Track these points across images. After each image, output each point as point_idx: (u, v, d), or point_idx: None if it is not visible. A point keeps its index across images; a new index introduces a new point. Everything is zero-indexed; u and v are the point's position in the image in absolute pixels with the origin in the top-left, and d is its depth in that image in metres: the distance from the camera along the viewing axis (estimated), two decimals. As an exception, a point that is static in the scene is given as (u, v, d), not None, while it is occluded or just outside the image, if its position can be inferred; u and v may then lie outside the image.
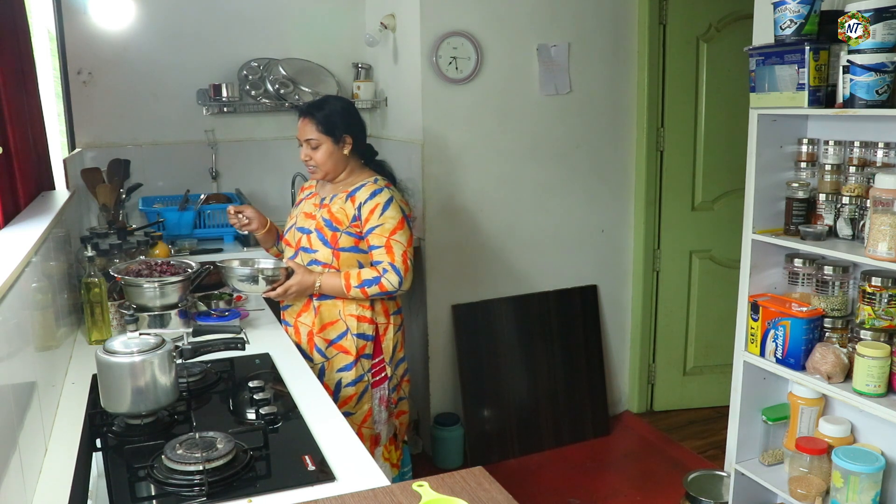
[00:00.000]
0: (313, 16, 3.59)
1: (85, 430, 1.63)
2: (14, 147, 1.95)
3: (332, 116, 2.28)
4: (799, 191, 2.17)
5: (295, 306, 2.34)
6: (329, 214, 2.27)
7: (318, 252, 2.27)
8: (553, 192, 3.45)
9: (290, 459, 1.48)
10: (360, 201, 2.25)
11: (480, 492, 1.32)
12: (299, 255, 2.31)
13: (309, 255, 2.29)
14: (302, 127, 2.29)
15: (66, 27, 3.19)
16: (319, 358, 2.30)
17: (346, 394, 2.29)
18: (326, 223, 2.27)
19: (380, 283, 2.21)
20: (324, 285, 2.23)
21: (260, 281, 2.21)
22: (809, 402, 2.24)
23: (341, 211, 2.26)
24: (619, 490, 3.13)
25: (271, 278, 2.21)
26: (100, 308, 2.17)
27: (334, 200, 2.29)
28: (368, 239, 2.24)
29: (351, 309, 2.28)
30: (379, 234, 2.23)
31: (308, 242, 2.29)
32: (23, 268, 1.46)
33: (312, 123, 2.27)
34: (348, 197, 2.28)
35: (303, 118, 2.29)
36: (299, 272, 2.21)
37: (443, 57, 3.12)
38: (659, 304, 3.68)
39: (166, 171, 3.44)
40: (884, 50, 1.84)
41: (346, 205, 2.26)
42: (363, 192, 2.27)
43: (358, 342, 2.29)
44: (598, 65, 3.41)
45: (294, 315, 2.35)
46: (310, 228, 2.30)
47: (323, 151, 2.27)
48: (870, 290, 1.99)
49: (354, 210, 2.25)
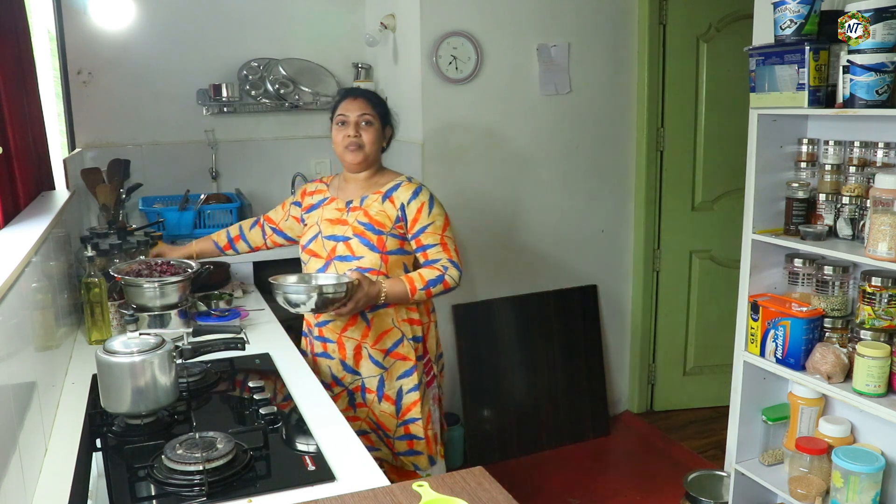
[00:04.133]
0: (313, 16, 3.59)
1: (85, 430, 1.63)
2: (14, 147, 1.95)
3: (384, 104, 2.25)
4: (799, 191, 2.17)
5: (338, 321, 2.16)
6: (367, 217, 2.14)
7: (365, 258, 2.12)
8: (553, 192, 3.44)
9: (290, 459, 1.48)
10: (401, 201, 2.15)
11: (480, 492, 1.32)
12: (332, 264, 2.16)
13: (348, 263, 2.13)
14: (353, 103, 2.18)
15: (66, 27, 3.19)
16: (375, 369, 2.18)
17: (410, 399, 2.20)
18: (368, 227, 2.13)
19: (444, 280, 2.13)
20: (389, 294, 2.07)
21: (323, 300, 1.96)
22: (809, 402, 2.24)
23: (381, 213, 2.14)
24: (619, 490, 3.13)
25: (333, 296, 1.97)
26: (100, 308, 2.17)
27: (367, 202, 2.17)
28: (420, 238, 2.15)
29: (402, 314, 2.19)
30: (432, 233, 2.15)
31: (348, 250, 2.14)
32: (23, 268, 1.46)
33: (368, 103, 2.19)
34: (385, 198, 2.16)
35: (355, 97, 2.20)
36: (364, 284, 2.02)
37: (443, 57, 3.12)
38: (659, 304, 3.68)
39: (166, 171, 3.44)
40: (884, 50, 1.83)
41: (384, 206, 2.15)
42: (403, 192, 2.16)
43: (414, 346, 2.21)
44: (598, 65, 3.41)
45: (338, 331, 2.17)
46: (346, 235, 2.15)
47: (374, 132, 2.17)
48: (870, 290, 1.99)
49: (397, 211, 2.15)
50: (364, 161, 2.18)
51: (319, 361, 2.23)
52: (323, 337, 2.20)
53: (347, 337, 2.17)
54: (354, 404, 2.22)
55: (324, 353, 2.22)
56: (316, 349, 2.24)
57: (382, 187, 2.19)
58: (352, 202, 2.19)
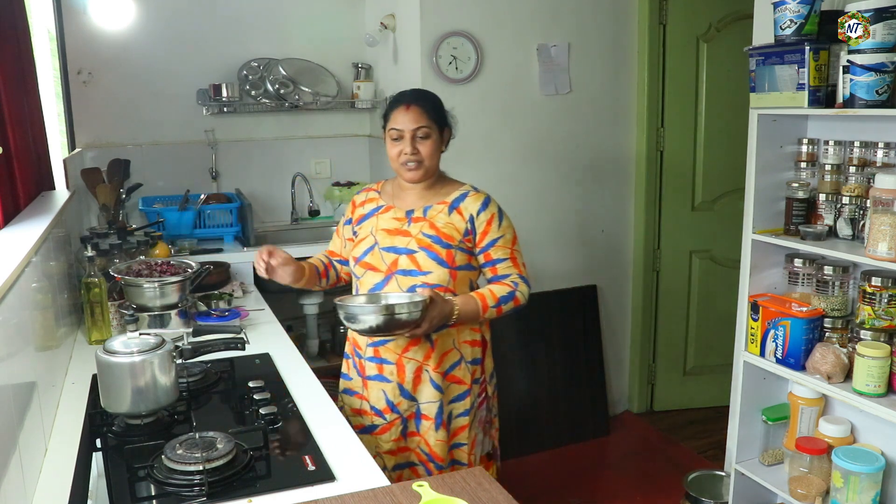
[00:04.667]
0: (313, 16, 3.59)
1: (85, 430, 1.63)
2: (14, 147, 1.95)
3: (439, 105, 2.04)
4: (799, 191, 2.16)
5: (399, 340, 1.97)
6: (434, 230, 1.96)
7: (432, 273, 1.93)
8: (553, 192, 3.44)
9: (290, 459, 1.48)
10: (470, 213, 1.99)
11: (480, 492, 1.32)
12: (394, 279, 1.96)
13: (412, 278, 1.94)
14: (406, 114, 1.96)
15: (66, 27, 3.19)
16: (435, 394, 1.99)
17: (459, 424, 2.04)
18: (435, 240, 1.95)
19: (515, 297, 1.99)
20: (462, 312, 1.91)
21: (398, 322, 1.79)
22: (809, 402, 2.24)
23: (449, 225, 1.97)
24: (619, 490, 3.13)
25: (408, 318, 1.80)
26: (100, 308, 2.17)
27: (432, 213, 1.99)
28: (489, 252, 2.00)
29: (465, 335, 2.02)
30: (502, 247, 2.00)
31: (412, 263, 1.94)
32: (23, 268, 1.46)
33: (423, 110, 1.97)
34: (451, 209, 1.99)
35: (408, 105, 1.97)
36: (437, 301, 1.85)
37: (443, 57, 3.12)
38: (659, 304, 3.68)
39: (166, 171, 3.44)
40: (884, 50, 1.83)
41: (452, 218, 1.98)
42: (472, 203, 2.00)
43: (472, 369, 2.05)
44: (598, 65, 3.41)
45: (398, 350, 1.98)
46: (410, 247, 1.96)
47: (432, 144, 1.98)
48: (870, 290, 1.99)
49: (466, 223, 1.98)
50: (424, 175, 2.00)
51: (371, 386, 2.02)
52: (379, 358, 2.00)
53: (408, 358, 1.98)
54: (406, 433, 2.02)
55: (378, 375, 2.00)
56: (368, 371, 2.02)
57: (447, 197, 2.02)
58: (413, 212, 2.01)
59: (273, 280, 2.03)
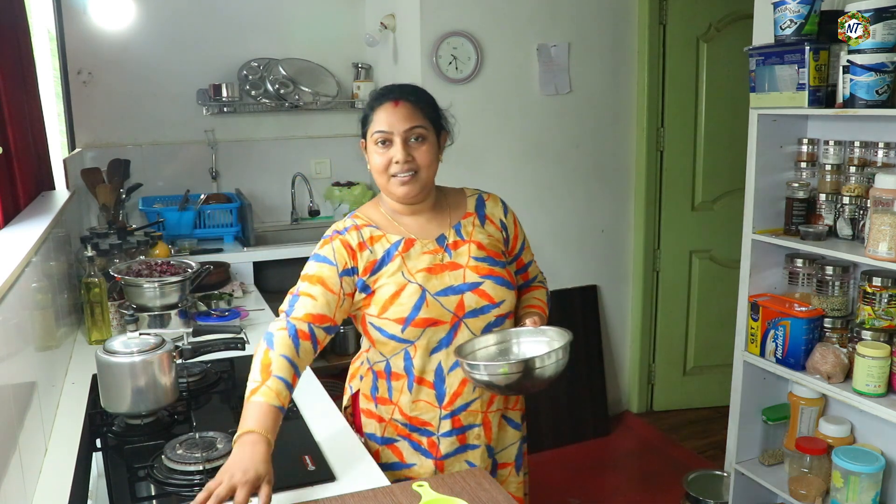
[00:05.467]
0: (313, 16, 3.59)
1: (85, 430, 1.63)
2: (14, 147, 1.95)
3: (434, 103, 1.64)
4: (799, 191, 2.17)
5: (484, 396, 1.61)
6: (483, 250, 1.60)
7: (505, 302, 1.58)
8: (553, 192, 3.44)
9: (290, 459, 1.48)
10: (499, 217, 1.67)
11: (480, 492, 1.32)
12: (462, 326, 1.54)
13: (485, 316, 1.56)
14: (395, 112, 1.53)
15: (66, 27, 3.19)
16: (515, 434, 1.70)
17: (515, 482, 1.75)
18: (492, 262, 1.59)
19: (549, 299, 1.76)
20: None
21: (549, 369, 1.46)
22: (809, 402, 2.24)
23: (491, 239, 1.63)
24: (619, 490, 3.13)
25: (557, 369, 1.47)
26: (100, 308, 2.17)
27: (467, 231, 1.62)
28: (522, 258, 1.73)
29: None
30: (528, 248, 1.76)
31: (483, 299, 1.55)
32: (23, 268, 1.46)
33: (417, 107, 1.56)
34: (482, 219, 1.65)
35: (397, 100, 1.55)
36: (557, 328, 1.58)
37: (443, 57, 3.12)
38: (659, 304, 3.68)
39: (166, 171, 3.45)
40: (884, 50, 1.84)
41: (488, 229, 1.64)
42: (493, 207, 1.68)
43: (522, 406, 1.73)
44: (598, 65, 3.41)
45: (483, 408, 1.62)
46: (472, 281, 1.56)
47: (429, 149, 1.57)
48: (870, 290, 1.99)
49: (500, 231, 1.67)
50: (422, 190, 1.57)
51: (450, 464, 1.60)
52: (461, 428, 1.59)
53: (493, 411, 1.63)
54: None
55: (461, 447, 1.61)
56: (446, 449, 1.59)
57: (465, 207, 1.66)
58: (445, 237, 1.60)
59: None
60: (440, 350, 1.53)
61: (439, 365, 1.54)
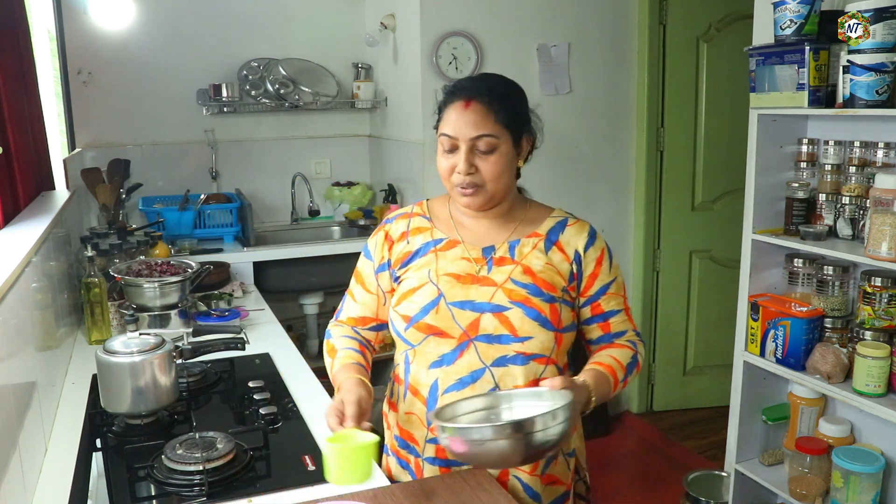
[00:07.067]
0: (313, 16, 3.59)
1: (85, 430, 1.63)
2: (14, 147, 1.95)
3: (517, 102, 1.48)
4: (799, 191, 2.16)
5: None
6: (530, 276, 1.39)
7: (533, 340, 1.37)
8: (553, 192, 3.43)
9: (290, 459, 1.48)
10: (576, 249, 1.44)
11: (481, 492, 1.32)
12: (471, 348, 1.37)
13: (502, 346, 1.36)
14: (465, 115, 1.36)
15: (66, 27, 3.19)
16: None
17: None
18: (534, 291, 1.38)
19: (637, 364, 1.47)
20: (597, 399, 1.37)
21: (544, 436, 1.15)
22: (809, 402, 2.24)
23: (549, 269, 1.41)
24: (618, 490, 3.13)
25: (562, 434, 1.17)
26: (100, 308, 2.17)
27: (522, 251, 1.43)
28: (599, 303, 1.46)
29: None
30: (616, 295, 1.47)
31: (504, 327, 1.36)
32: (23, 268, 1.46)
33: (490, 110, 1.38)
34: (549, 243, 1.44)
35: (468, 100, 1.37)
36: (573, 390, 1.28)
37: (443, 57, 3.12)
38: (659, 304, 3.68)
39: (166, 171, 3.45)
40: (884, 50, 1.83)
41: (552, 257, 1.43)
42: (575, 235, 1.46)
43: (568, 461, 1.50)
44: (598, 65, 3.41)
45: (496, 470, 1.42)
46: (499, 303, 1.37)
47: (500, 159, 1.38)
48: (870, 290, 1.99)
49: (571, 264, 1.43)
50: (488, 203, 1.41)
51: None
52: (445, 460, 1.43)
53: None
54: None
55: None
56: (427, 473, 1.44)
57: (538, 227, 1.47)
58: (494, 250, 1.43)
59: None
60: (440, 366, 1.38)
61: (435, 382, 1.38)
